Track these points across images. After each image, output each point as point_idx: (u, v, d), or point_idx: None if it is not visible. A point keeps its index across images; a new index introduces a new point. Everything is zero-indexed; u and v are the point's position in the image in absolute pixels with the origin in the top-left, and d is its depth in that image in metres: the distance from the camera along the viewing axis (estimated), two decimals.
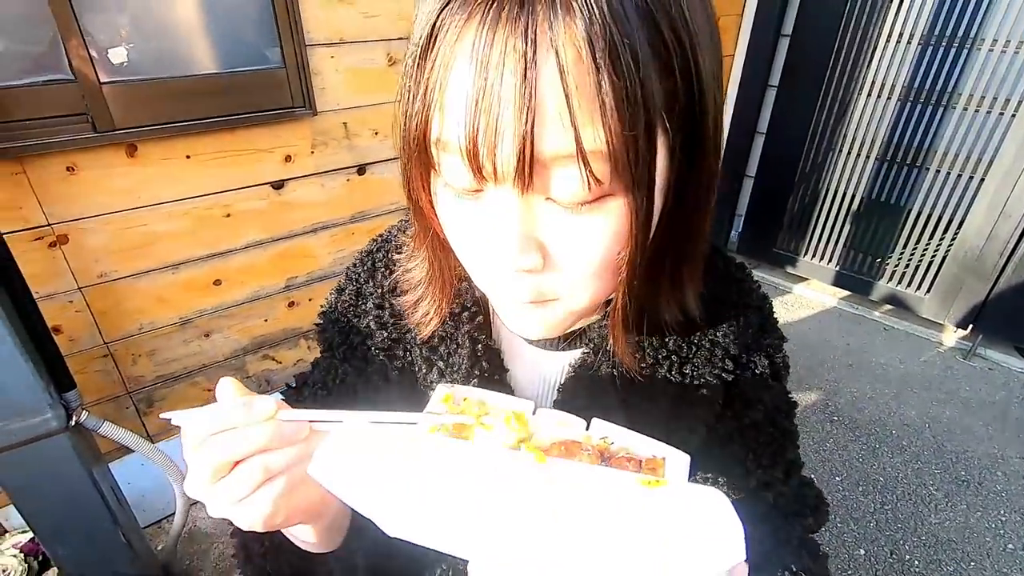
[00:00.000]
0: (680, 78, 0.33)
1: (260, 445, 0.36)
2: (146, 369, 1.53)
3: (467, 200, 0.36)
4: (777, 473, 0.57)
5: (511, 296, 0.40)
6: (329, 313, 0.60)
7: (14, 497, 1.13)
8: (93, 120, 1.24)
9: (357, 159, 1.67)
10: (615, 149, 0.31)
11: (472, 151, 0.32)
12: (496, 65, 0.29)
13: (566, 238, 0.36)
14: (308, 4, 1.41)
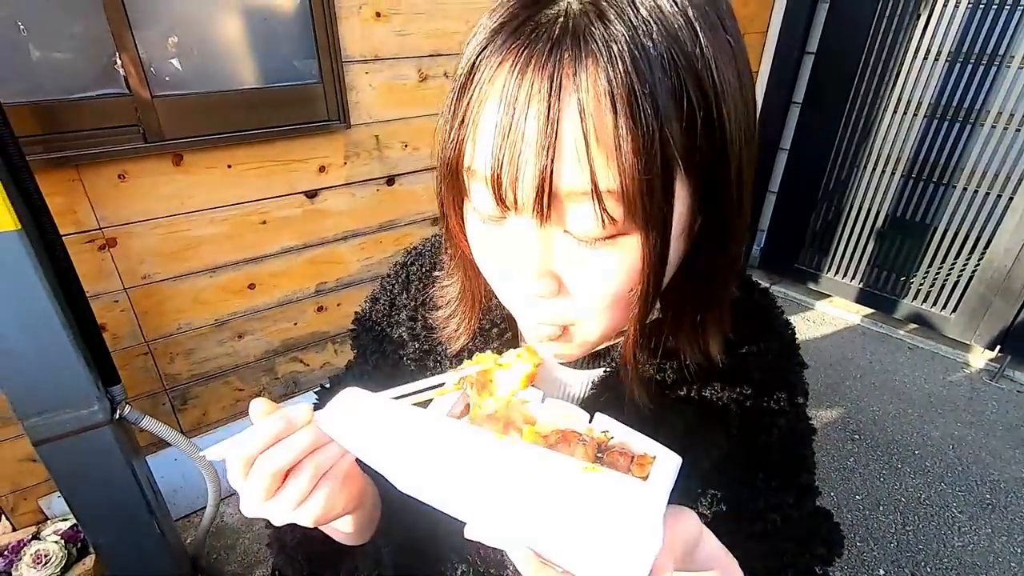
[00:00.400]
0: (702, 129, 0.34)
1: (306, 449, 0.38)
2: (182, 367, 1.60)
3: (492, 225, 0.39)
4: (788, 497, 0.57)
5: (529, 318, 0.43)
6: (364, 320, 0.64)
7: (60, 484, 1.20)
8: (144, 131, 1.32)
9: (387, 170, 1.73)
10: (629, 190, 0.33)
11: (496, 181, 0.34)
12: (522, 105, 0.32)
13: (581, 270, 0.38)
14: (346, 23, 1.48)
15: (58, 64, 1.22)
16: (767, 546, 0.57)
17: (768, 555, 0.56)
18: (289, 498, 0.38)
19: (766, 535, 0.57)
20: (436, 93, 1.72)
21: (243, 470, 0.38)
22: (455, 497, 0.39)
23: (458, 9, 1.65)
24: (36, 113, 1.20)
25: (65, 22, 1.20)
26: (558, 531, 0.35)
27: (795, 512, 0.58)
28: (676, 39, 0.33)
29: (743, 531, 0.56)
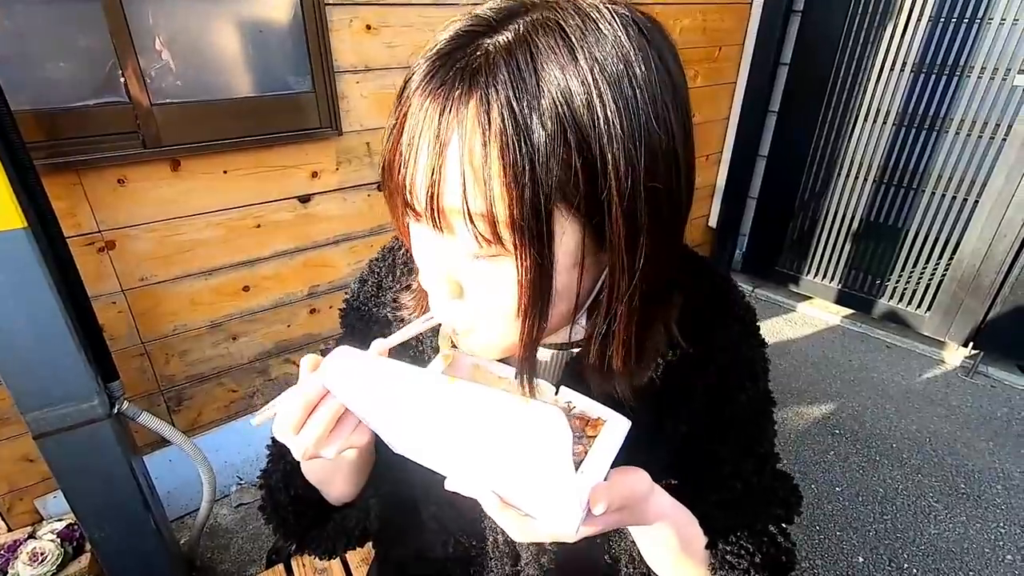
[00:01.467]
0: (582, 174, 0.37)
1: (330, 419, 0.44)
2: (177, 369, 1.63)
3: (416, 226, 0.44)
4: (748, 465, 0.61)
5: (438, 316, 0.47)
6: (351, 301, 0.68)
7: (60, 478, 1.23)
8: (143, 137, 1.37)
9: (377, 176, 1.78)
10: (497, 217, 0.37)
11: (402, 189, 0.40)
12: (420, 128, 0.38)
13: (472, 279, 0.43)
14: (337, 35, 1.55)
15: (62, 74, 1.28)
16: (729, 510, 0.61)
17: (729, 517, 0.60)
18: (313, 432, 0.45)
19: (729, 502, 0.61)
20: None
21: (297, 423, 0.45)
22: (433, 448, 0.44)
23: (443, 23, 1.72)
24: (40, 120, 1.25)
25: (69, 34, 1.26)
26: (504, 467, 0.40)
27: (755, 478, 0.62)
28: (568, 93, 0.36)
29: (706, 499, 0.61)
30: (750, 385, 0.60)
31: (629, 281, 0.43)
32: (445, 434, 0.42)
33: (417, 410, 0.42)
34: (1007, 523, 1.81)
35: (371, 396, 0.43)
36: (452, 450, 0.43)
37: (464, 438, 0.40)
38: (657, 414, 0.57)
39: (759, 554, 0.58)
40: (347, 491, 0.63)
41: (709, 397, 0.59)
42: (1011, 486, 1.95)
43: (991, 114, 2.24)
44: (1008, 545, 1.74)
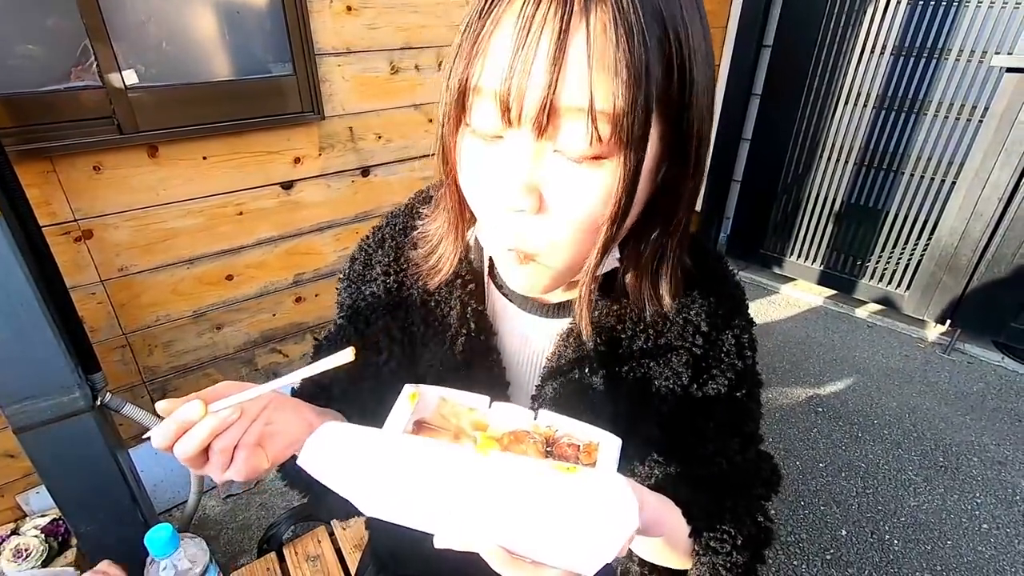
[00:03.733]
0: (676, 76, 0.40)
1: (206, 437, 0.44)
2: (161, 360, 1.61)
3: (487, 145, 0.43)
4: (732, 444, 0.62)
5: (500, 240, 0.46)
6: (342, 279, 0.67)
7: (42, 472, 1.21)
8: (119, 123, 1.33)
9: (361, 161, 1.76)
10: (618, 113, 0.38)
11: (505, 95, 0.38)
12: (537, 25, 0.36)
13: (562, 187, 0.41)
14: (318, 16, 1.52)
15: (31, 56, 1.23)
16: (711, 488, 0.62)
17: (711, 496, 0.61)
18: (214, 469, 0.46)
19: (712, 479, 0.62)
20: (407, 86, 1.77)
21: (170, 437, 0.44)
22: (425, 510, 0.42)
23: (427, 4, 1.70)
24: (9, 105, 1.21)
25: (37, 14, 1.22)
26: (536, 527, 0.38)
27: (739, 457, 0.63)
28: (667, 4, 0.39)
29: (691, 475, 0.62)
30: (739, 363, 0.61)
31: (692, 197, 0.46)
32: (447, 496, 0.40)
33: (415, 476, 0.40)
34: (983, 494, 1.87)
35: (360, 474, 0.41)
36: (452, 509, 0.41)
37: (476, 500, 0.39)
38: (646, 377, 0.58)
39: (740, 537, 0.58)
40: None
41: (695, 371, 0.59)
42: (986, 458, 2.00)
43: (968, 96, 2.27)
44: (984, 515, 1.80)
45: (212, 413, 0.43)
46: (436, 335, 0.59)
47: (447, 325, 0.58)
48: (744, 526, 0.60)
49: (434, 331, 0.59)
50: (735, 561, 0.58)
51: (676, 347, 0.57)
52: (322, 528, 1.22)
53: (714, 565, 0.58)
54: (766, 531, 0.63)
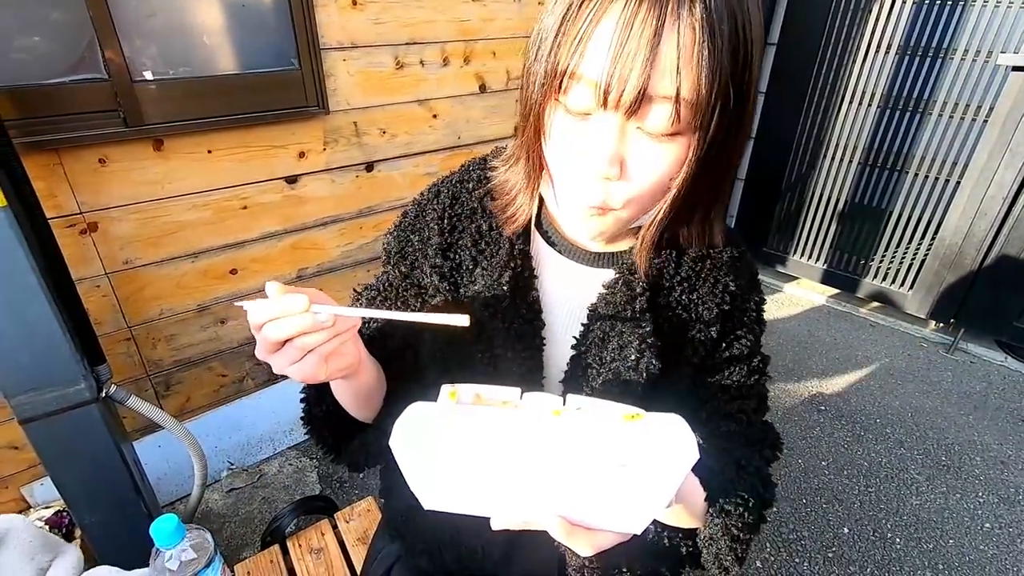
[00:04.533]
0: (742, 62, 0.46)
1: (296, 331, 0.46)
2: (165, 353, 1.61)
3: (577, 120, 0.49)
4: (750, 404, 0.69)
5: (584, 199, 0.53)
6: (391, 231, 0.72)
7: (47, 463, 1.21)
8: (125, 116, 1.33)
9: (366, 156, 1.76)
10: (699, 100, 0.45)
11: (605, 85, 0.45)
12: (637, 29, 0.43)
13: (642, 158, 0.49)
14: (323, 10, 1.51)
15: (37, 49, 1.23)
16: (725, 443, 0.67)
17: (726, 461, 0.65)
18: (280, 360, 0.48)
19: (729, 434, 0.67)
20: (412, 81, 1.77)
21: (255, 328, 0.47)
22: (495, 487, 0.45)
23: None
24: (15, 97, 1.21)
25: (43, 6, 1.22)
26: (605, 479, 0.42)
27: (755, 416, 0.70)
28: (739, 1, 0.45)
29: (711, 429, 0.67)
30: (758, 328, 0.69)
31: (740, 152, 0.54)
32: (526, 468, 0.43)
33: (499, 450, 0.43)
34: (985, 493, 1.87)
35: (445, 445, 0.44)
36: (522, 484, 0.44)
37: (552, 467, 0.42)
38: (682, 324, 0.64)
39: (752, 499, 0.62)
40: (367, 411, 0.67)
41: (723, 327, 0.66)
42: (989, 458, 2.00)
43: (974, 95, 2.27)
44: (986, 514, 1.80)
45: (312, 313, 0.46)
46: (484, 272, 0.64)
47: (495, 264, 0.63)
48: (754, 488, 0.64)
49: (481, 269, 0.64)
50: (746, 521, 0.62)
51: (707, 302, 0.64)
52: (325, 521, 1.22)
53: (726, 526, 0.62)
54: (771, 491, 0.68)
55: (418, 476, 0.45)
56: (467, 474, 0.44)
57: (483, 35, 1.84)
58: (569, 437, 0.41)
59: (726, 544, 0.63)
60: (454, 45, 1.80)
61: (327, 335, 0.48)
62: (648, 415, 0.43)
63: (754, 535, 0.65)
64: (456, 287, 0.66)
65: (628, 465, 0.41)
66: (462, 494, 0.48)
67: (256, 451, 1.92)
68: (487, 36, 1.85)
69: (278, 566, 1.12)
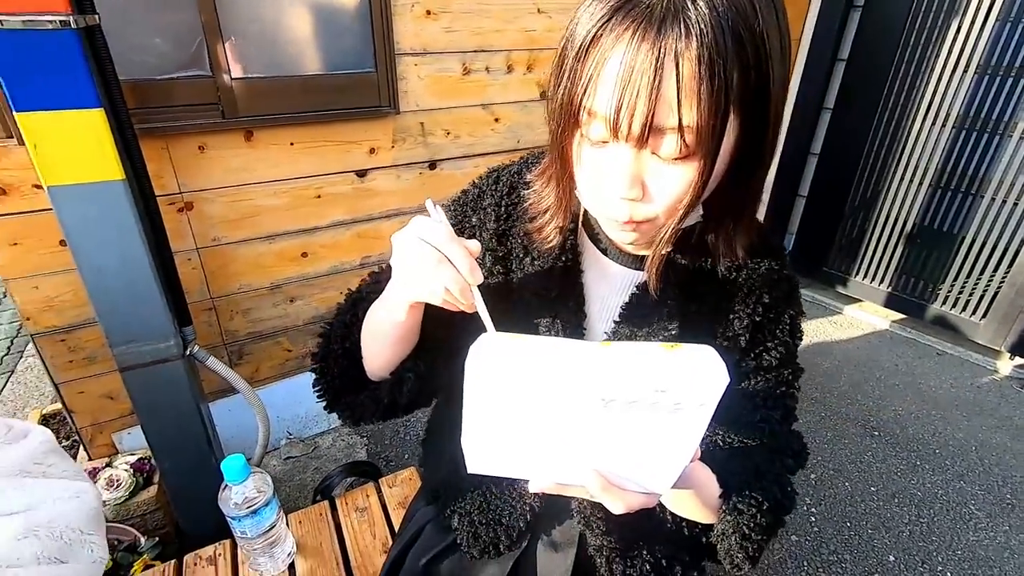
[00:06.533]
0: (754, 77, 0.48)
1: (459, 263, 0.53)
2: (240, 325, 1.77)
3: (596, 149, 0.53)
4: (776, 414, 0.69)
5: (613, 216, 0.56)
6: (449, 204, 0.75)
7: (139, 410, 1.37)
8: (223, 108, 1.50)
9: (430, 155, 1.88)
10: (701, 127, 0.47)
11: (615, 119, 0.48)
12: (639, 67, 0.45)
13: (658, 180, 0.52)
14: (400, 19, 1.65)
15: (156, 48, 1.42)
16: (746, 449, 0.68)
17: (743, 462, 0.66)
18: (429, 266, 0.53)
19: (751, 446, 0.68)
20: (477, 86, 1.87)
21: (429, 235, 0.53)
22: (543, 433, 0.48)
23: (500, 10, 1.80)
24: (136, 90, 1.39)
25: (162, 11, 1.40)
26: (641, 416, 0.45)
27: (780, 427, 0.70)
28: (745, 17, 0.46)
29: (734, 436, 0.68)
30: (790, 340, 0.69)
31: (767, 162, 0.55)
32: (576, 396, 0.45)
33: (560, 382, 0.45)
34: None
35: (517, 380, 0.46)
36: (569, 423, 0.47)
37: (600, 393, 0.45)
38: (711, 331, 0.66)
39: (766, 502, 0.63)
40: (390, 358, 0.69)
41: (753, 338, 0.67)
42: None
43: None
44: None
45: (468, 248, 0.53)
46: (534, 261, 0.68)
47: (546, 255, 0.67)
48: (771, 492, 0.65)
49: (532, 259, 0.68)
50: (759, 523, 0.63)
51: (738, 311, 0.66)
52: (370, 485, 1.32)
53: (738, 523, 0.63)
54: (789, 497, 0.68)
55: (479, 409, 0.48)
56: (525, 406, 0.47)
57: (546, 44, 1.93)
58: (616, 361, 0.44)
59: (736, 541, 0.65)
60: (518, 53, 1.90)
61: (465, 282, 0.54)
62: (684, 346, 0.45)
63: (768, 537, 0.66)
64: (507, 272, 0.70)
65: (668, 391, 0.43)
66: (511, 441, 0.50)
67: (312, 425, 2.06)
68: (550, 46, 1.94)
69: (326, 519, 1.22)
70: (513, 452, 0.52)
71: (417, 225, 0.54)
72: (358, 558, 1.15)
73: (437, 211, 0.55)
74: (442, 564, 0.88)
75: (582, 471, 0.51)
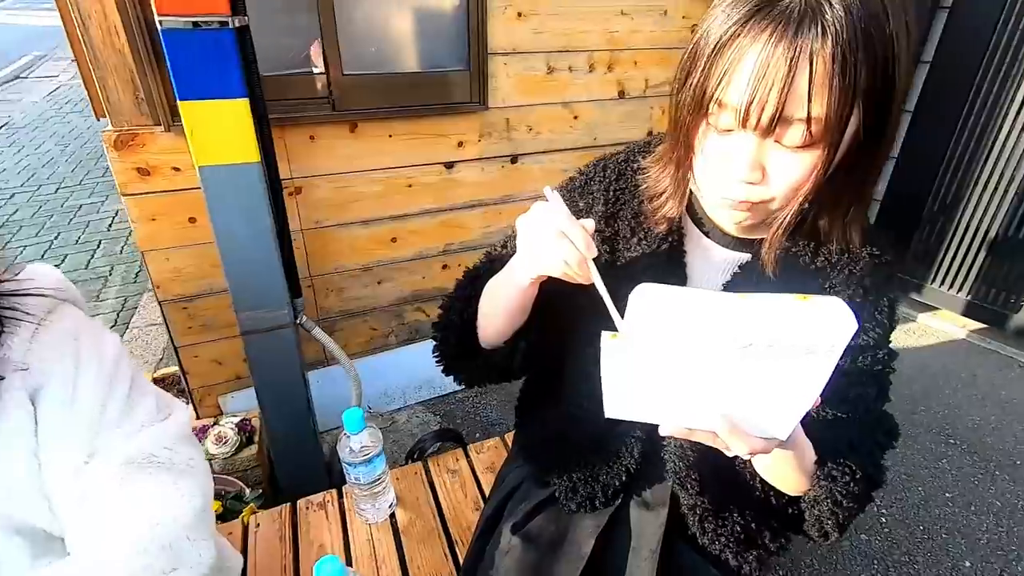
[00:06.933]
0: (880, 79, 0.52)
1: (576, 239, 0.59)
2: (333, 303, 1.92)
3: (721, 137, 0.59)
4: (871, 391, 0.72)
5: (730, 196, 0.61)
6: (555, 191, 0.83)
7: (254, 371, 1.52)
8: (333, 102, 1.65)
9: (512, 150, 1.99)
10: (828, 119, 0.51)
11: (745, 110, 0.53)
12: (774, 63, 0.50)
13: (779, 166, 0.57)
14: (494, 21, 1.76)
15: (279, 46, 1.58)
16: (841, 424, 0.71)
17: (841, 432, 0.71)
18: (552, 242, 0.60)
19: (846, 418, 0.72)
20: (559, 85, 1.96)
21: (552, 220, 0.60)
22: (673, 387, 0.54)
23: (586, 12, 1.88)
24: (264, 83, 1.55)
25: (288, 14, 1.56)
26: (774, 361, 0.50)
27: (874, 404, 0.73)
28: (876, 19, 0.50)
29: (831, 413, 0.72)
30: (888, 323, 0.72)
31: (886, 151, 0.59)
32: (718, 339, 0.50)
33: (705, 327, 0.50)
34: None
35: (670, 323, 0.50)
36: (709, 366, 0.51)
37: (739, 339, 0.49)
38: None
39: (859, 471, 0.67)
40: (506, 329, 0.77)
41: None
42: None
43: None
44: None
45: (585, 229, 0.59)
46: (640, 242, 0.75)
47: (653, 236, 0.74)
48: (864, 464, 0.69)
49: (639, 239, 0.75)
50: (851, 491, 0.67)
51: (839, 293, 0.68)
52: (459, 450, 1.42)
53: (831, 490, 0.67)
54: (881, 472, 0.72)
55: (629, 353, 0.53)
56: (671, 349, 0.52)
57: (628, 45, 2.00)
58: (754, 309, 0.49)
59: (828, 507, 0.68)
60: (600, 54, 1.98)
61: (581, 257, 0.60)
62: (814, 296, 0.49)
63: (859, 506, 0.69)
64: (613, 252, 0.76)
65: (802, 335, 0.48)
66: (650, 386, 0.55)
67: (391, 401, 2.20)
68: (631, 47, 2.01)
69: (421, 477, 1.33)
70: (650, 396, 0.57)
71: (538, 209, 0.62)
72: (451, 512, 1.25)
73: (554, 196, 0.62)
74: (539, 516, 0.95)
75: (712, 415, 0.55)
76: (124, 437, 0.72)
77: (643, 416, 0.60)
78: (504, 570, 0.87)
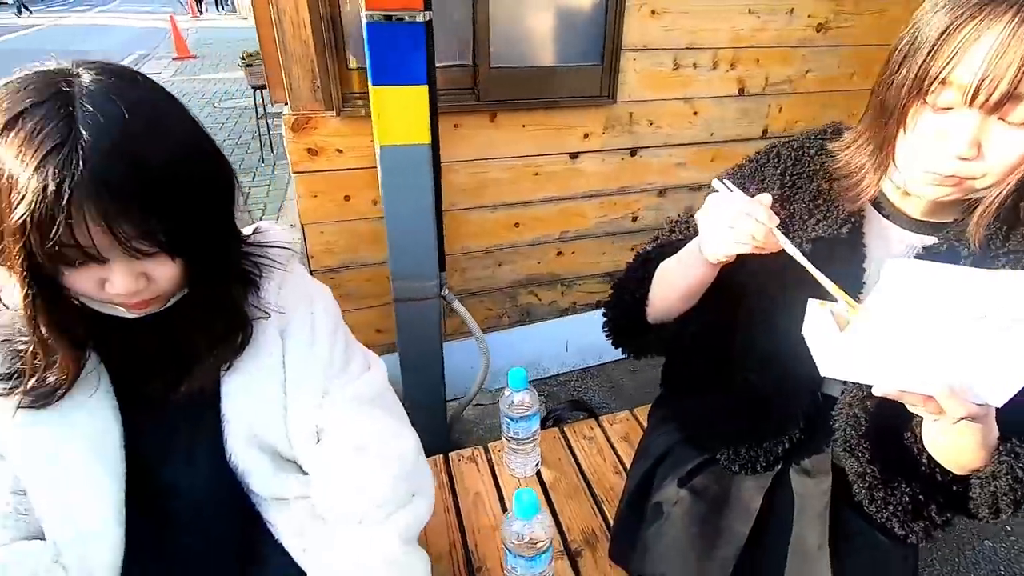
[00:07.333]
0: None
1: (758, 213, 0.65)
2: (458, 281, 2.05)
3: (937, 115, 0.62)
4: None
5: (940, 171, 0.63)
6: (726, 176, 0.86)
7: (400, 337, 1.67)
8: (478, 93, 1.77)
9: (633, 143, 2.06)
10: None
11: (975, 90, 0.57)
12: (1013, 46, 0.55)
13: (999, 142, 0.60)
14: (629, 17, 1.84)
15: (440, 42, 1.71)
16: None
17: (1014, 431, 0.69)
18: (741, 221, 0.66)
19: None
20: (682, 81, 2.02)
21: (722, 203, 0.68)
22: (902, 353, 0.56)
23: (714, 10, 1.93)
24: None
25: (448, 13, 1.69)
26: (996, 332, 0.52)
27: None
28: None
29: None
30: None
31: None
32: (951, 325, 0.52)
33: (948, 296, 0.53)
34: None
35: (918, 290, 0.53)
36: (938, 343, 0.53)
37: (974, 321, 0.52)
38: None
39: None
40: (679, 307, 0.85)
41: None
42: None
43: None
44: None
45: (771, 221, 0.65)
46: (820, 223, 0.80)
47: (837, 217, 0.78)
48: None
49: (816, 220, 0.80)
50: None
51: None
52: (591, 420, 1.51)
53: (1012, 466, 0.69)
54: None
55: (871, 315, 0.56)
56: (911, 315, 0.54)
57: (751, 43, 2.04)
58: (995, 283, 0.52)
59: (1007, 483, 0.69)
60: (724, 51, 2.02)
61: (758, 225, 0.65)
62: None
63: None
64: (787, 233, 0.77)
65: None
66: (874, 348, 0.57)
67: (500, 379, 2.30)
68: (755, 44, 2.04)
69: (560, 441, 1.43)
70: (870, 359, 0.59)
71: (715, 198, 0.68)
72: (594, 474, 1.34)
73: (727, 184, 0.67)
74: (697, 477, 1.00)
75: (931, 380, 0.56)
76: (346, 382, 0.82)
77: (857, 376, 0.62)
78: (676, 517, 0.94)
